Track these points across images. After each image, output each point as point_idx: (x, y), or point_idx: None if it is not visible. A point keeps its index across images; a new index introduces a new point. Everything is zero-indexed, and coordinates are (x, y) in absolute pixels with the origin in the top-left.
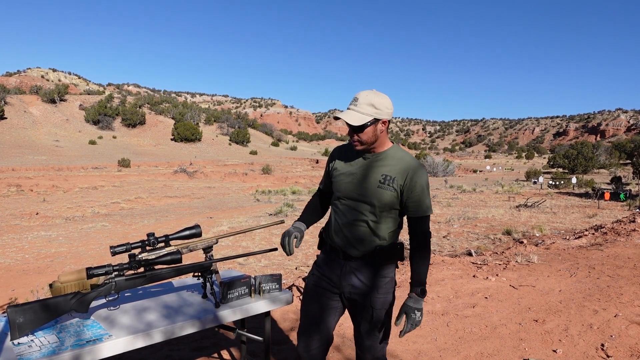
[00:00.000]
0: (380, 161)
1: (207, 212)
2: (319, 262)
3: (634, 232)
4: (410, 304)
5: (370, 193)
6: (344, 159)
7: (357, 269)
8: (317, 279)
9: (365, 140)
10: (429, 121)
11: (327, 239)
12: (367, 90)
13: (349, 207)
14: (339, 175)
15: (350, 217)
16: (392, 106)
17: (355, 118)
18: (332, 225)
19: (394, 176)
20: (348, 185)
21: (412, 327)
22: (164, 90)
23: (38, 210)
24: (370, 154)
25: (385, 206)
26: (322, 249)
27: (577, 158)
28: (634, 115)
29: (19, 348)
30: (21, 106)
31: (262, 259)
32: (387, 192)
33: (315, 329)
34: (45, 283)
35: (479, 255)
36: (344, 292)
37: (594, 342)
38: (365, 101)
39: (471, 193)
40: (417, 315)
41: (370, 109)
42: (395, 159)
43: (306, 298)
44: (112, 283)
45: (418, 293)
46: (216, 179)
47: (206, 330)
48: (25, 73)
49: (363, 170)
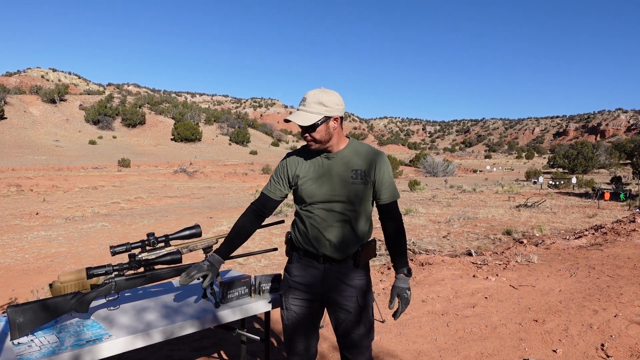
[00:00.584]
0: (345, 158)
1: (207, 212)
2: (291, 271)
3: (634, 232)
4: (401, 285)
5: (346, 191)
6: (305, 163)
7: (339, 272)
8: (294, 290)
9: (319, 139)
10: (429, 121)
11: (302, 245)
12: (315, 89)
13: (326, 210)
14: (307, 181)
15: (330, 220)
16: (343, 102)
17: (305, 118)
18: (307, 231)
19: (364, 169)
20: (320, 188)
21: (405, 306)
22: (164, 90)
23: (38, 210)
24: (331, 153)
25: (362, 201)
26: (292, 256)
27: (577, 158)
28: (634, 115)
29: (18, 348)
30: (21, 106)
31: (262, 259)
32: (361, 187)
33: (303, 342)
34: (45, 283)
35: (479, 255)
36: (329, 299)
37: (594, 342)
38: (314, 100)
39: (471, 193)
40: (408, 295)
41: (319, 107)
42: (359, 153)
43: (287, 312)
44: (112, 283)
45: (405, 273)
46: (216, 179)
47: (206, 330)
48: (25, 73)
49: (331, 171)
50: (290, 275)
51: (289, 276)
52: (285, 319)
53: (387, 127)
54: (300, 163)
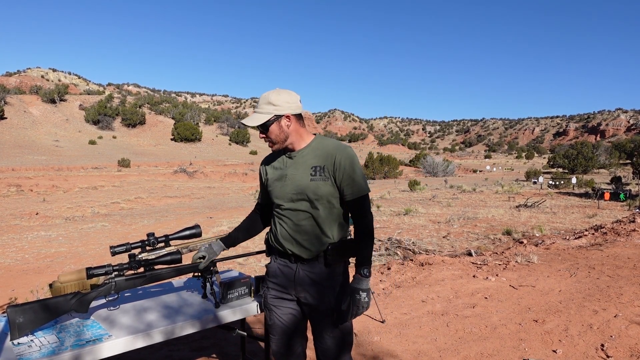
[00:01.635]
0: (306, 155)
1: (207, 212)
2: (270, 272)
3: (634, 232)
4: (353, 285)
5: (305, 189)
6: (271, 165)
7: (310, 272)
8: (272, 290)
9: (274, 139)
10: (429, 121)
11: (275, 245)
12: (270, 90)
13: (290, 209)
14: (273, 183)
15: (294, 219)
16: (296, 100)
17: (255, 120)
18: (278, 232)
19: (323, 164)
20: (283, 188)
21: (358, 309)
22: (163, 90)
23: (38, 210)
24: (293, 152)
25: (324, 198)
26: (270, 257)
27: (577, 158)
28: (634, 115)
29: (18, 348)
30: (21, 106)
31: (262, 259)
32: (321, 183)
33: (285, 342)
34: (45, 283)
35: (478, 255)
36: (300, 297)
37: (593, 343)
38: (264, 101)
39: (471, 193)
40: (361, 297)
41: (268, 107)
42: (320, 149)
43: (268, 312)
44: (112, 283)
45: (362, 273)
46: (216, 179)
47: (206, 330)
48: (25, 73)
49: (292, 169)
50: (268, 275)
51: (267, 276)
52: (267, 319)
53: (387, 127)
54: (269, 166)
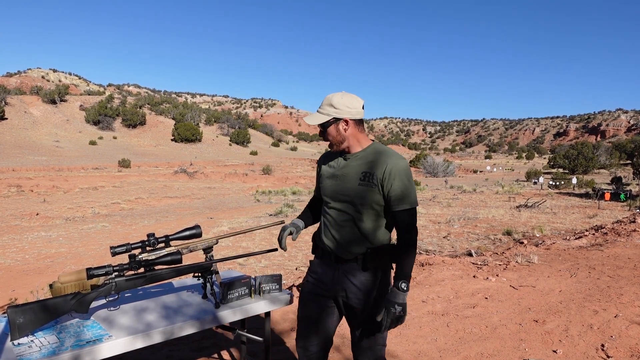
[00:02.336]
0: (359, 159)
1: (207, 213)
2: (313, 267)
3: (634, 233)
4: (389, 298)
5: (352, 192)
6: (327, 163)
7: (349, 272)
8: (311, 285)
9: (331, 140)
10: (429, 121)
11: (320, 242)
12: (335, 92)
13: (335, 209)
14: (325, 180)
15: (338, 219)
16: (358, 106)
17: (314, 119)
18: (322, 230)
19: (373, 172)
20: (332, 187)
21: (393, 322)
22: (164, 90)
23: (38, 210)
24: (349, 154)
25: (370, 204)
26: (315, 254)
27: (578, 158)
28: (634, 115)
29: (19, 348)
30: (21, 107)
31: (262, 260)
32: (368, 189)
33: (313, 333)
34: (45, 283)
35: (479, 255)
36: (338, 295)
37: (594, 343)
38: (326, 102)
39: (471, 193)
40: (396, 310)
41: (329, 109)
42: (374, 155)
43: (302, 304)
44: (112, 283)
45: (399, 287)
46: (216, 180)
47: (206, 330)
48: (25, 73)
49: (345, 171)
50: (310, 271)
51: (309, 272)
52: (299, 310)
53: (387, 127)
54: (325, 162)
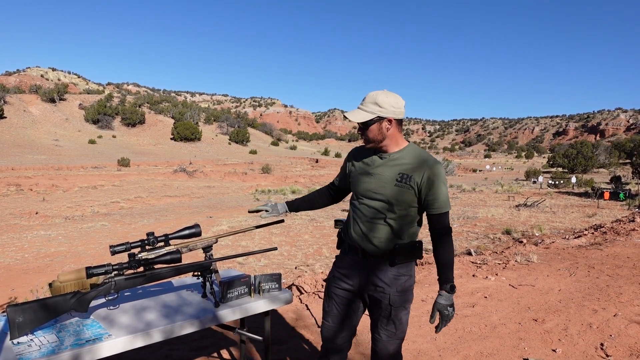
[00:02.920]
0: (397, 160)
1: (206, 212)
2: (338, 262)
3: (634, 232)
4: (442, 302)
5: (388, 192)
6: (361, 159)
7: (376, 267)
8: (337, 279)
9: (371, 138)
10: (429, 120)
11: (347, 238)
12: (378, 90)
13: (367, 206)
14: (357, 175)
15: (369, 215)
16: (401, 106)
17: (358, 116)
18: (351, 224)
19: (411, 174)
20: (366, 184)
21: (446, 322)
22: (163, 89)
23: (38, 209)
24: (386, 153)
25: (403, 204)
26: (341, 249)
27: (577, 157)
28: (634, 114)
29: (18, 347)
30: (21, 105)
31: (262, 259)
32: (404, 191)
33: (339, 327)
34: (44, 282)
35: (478, 254)
36: (363, 290)
37: (593, 342)
38: (371, 100)
39: (471, 192)
40: (450, 312)
41: (374, 107)
42: (412, 157)
43: (328, 298)
44: (112, 282)
45: (447, 290)
46: (216, 179)
47: (206, 329)
48: (24, 72)
49: (380, 170)
50: (336, 265)
51: (335, 267)
52: (325, 305)
53: None
54: (358, 158)
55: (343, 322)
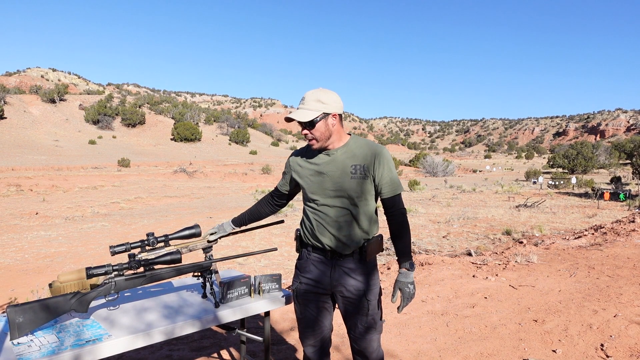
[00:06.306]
0: (345, 154)
1: (206, 212)
2: (302, 267)
3: (634, 232)
4: (402, 279)
5: (346, 186)
6: (306, 161)
7: (348, 267)
8: (306, 285)
9: (319, 137)
10: (429, 121)
11: (310, 241)
12: (314, 89)
13: (329, 206)
14: (307, 177)
15: (333, 215)
16: (340, 101)
17: (305, 115)
18: (313, 227)
19: (363, 163)
20: (320, 184)
21: (408, 300)
22: (163, 90)
23: (38, 210)
24: (332, 150)
25: (363, 195)
26: (302, 252)
27: (577, 158)
28: (634, 115)
29: (18, 348)
30: (21, 106)
31: (262, 259)
32: (361, 181)
33: (317, 332)
34: (45, 283)
35: (478, 255)
36: (336, 292)
37: (593, 342)
38: (312, 98)
39: (471, 193)
40: (410, 289)
41: (317, 104)
42: (358, 148)
43: (300, 305)
44: (112, 283)
45: (407, 267)
46: (216, 179)
47: (206, 330)
48: (25, 73)
49: (332, 167)
50: (300, 271)
51: (300, 272)
52: (298, 312)
53: (386, 127)
54: (302, 161)
55: (320, 326)
